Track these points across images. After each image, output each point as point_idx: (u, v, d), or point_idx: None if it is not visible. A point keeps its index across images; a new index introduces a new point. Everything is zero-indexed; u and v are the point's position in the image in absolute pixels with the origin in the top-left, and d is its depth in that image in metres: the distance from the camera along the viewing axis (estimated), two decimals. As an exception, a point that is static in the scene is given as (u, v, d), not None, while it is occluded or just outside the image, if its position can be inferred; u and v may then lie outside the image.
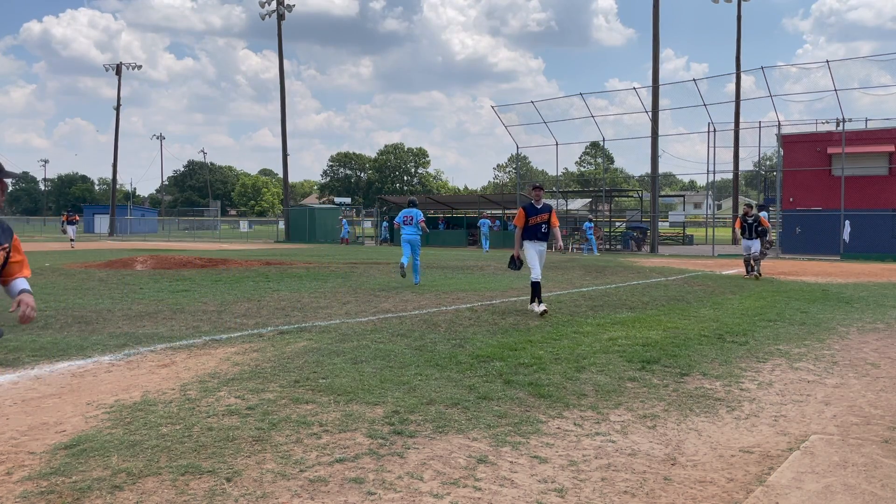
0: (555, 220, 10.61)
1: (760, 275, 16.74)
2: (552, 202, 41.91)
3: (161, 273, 16.89)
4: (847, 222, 27.21)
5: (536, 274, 10.31)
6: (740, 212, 19.13)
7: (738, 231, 18.17)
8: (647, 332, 8.65)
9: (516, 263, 10.72)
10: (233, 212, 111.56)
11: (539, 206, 10.51)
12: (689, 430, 4.89)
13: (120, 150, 60.86)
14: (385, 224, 41.14)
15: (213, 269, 18.23)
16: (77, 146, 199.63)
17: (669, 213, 57.13)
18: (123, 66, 61.42)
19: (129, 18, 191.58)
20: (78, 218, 39.54)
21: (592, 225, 31.86)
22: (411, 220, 14.72)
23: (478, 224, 35.81)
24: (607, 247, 33.97)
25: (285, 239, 46.67)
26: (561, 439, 4.64)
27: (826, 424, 5.10)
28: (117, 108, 61.18)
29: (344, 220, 45.19)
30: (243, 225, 75.40)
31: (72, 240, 35.08)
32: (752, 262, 16.88)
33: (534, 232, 10.49)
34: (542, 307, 10.02)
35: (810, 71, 43.75)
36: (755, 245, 16.91)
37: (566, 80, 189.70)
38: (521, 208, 10.57)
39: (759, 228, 17.04)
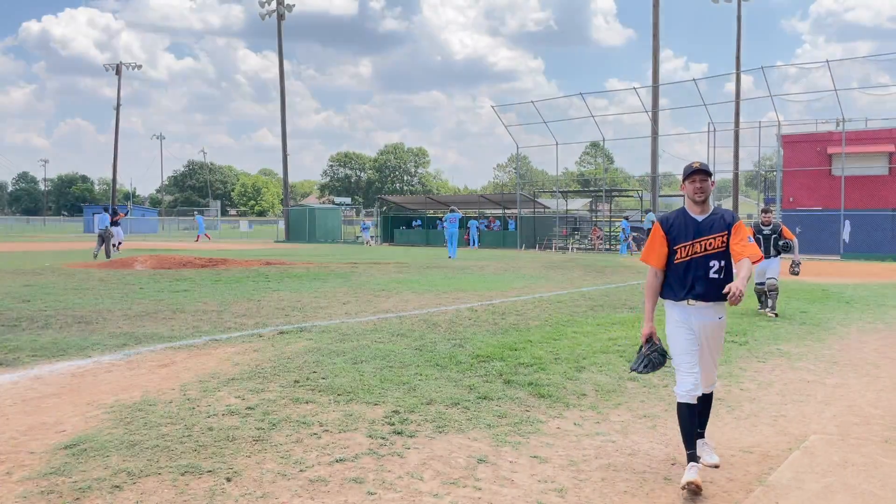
0: (750, 252, 4.07)
1: (777, 313, 10.70)
2: (552, 202, 41.76)
3: (161, 273, 16.88)
4: (847, 222, 27.21)
5: (687, 385, 4.05)
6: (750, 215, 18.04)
7: None
8: (647, 332, 8.64)
9: (648, 357, 4.24)
10: (233, 212, 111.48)
11: (701, 220, 4.22)
12: (689, 430, 4.89)
13: (120, 150, 60.79)
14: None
15: (213, 269, 18.23)
16: (77, 146, 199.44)
17: (669, 213, 57.08)
18: (123, 66, 61.41)
19: (127, 18, 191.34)
20: (122, 216, 28.45)
21: (628, 224, 31.90)
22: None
23: (467, 224, 37.00)
24: (607, 247, 33.95)
25: (285, 239, 46.66)
26: (561, 439, 4.64)
27: (826, 424, 5.11)
28: (117, 108, 61.13)
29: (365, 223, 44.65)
30: (243, 225, 75.37)
31: (118, 244, 25.13)
32: (767, 292, 11.00)
33: (687, 277, 4.15)
34: (690, 475, 3.85)
35: (810, 71, 43.82)
36: (772, 267, 11.12)
37: (566, 80, 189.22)
38: (656, 222, 4.39)
39: (781, 243, 11.19)
